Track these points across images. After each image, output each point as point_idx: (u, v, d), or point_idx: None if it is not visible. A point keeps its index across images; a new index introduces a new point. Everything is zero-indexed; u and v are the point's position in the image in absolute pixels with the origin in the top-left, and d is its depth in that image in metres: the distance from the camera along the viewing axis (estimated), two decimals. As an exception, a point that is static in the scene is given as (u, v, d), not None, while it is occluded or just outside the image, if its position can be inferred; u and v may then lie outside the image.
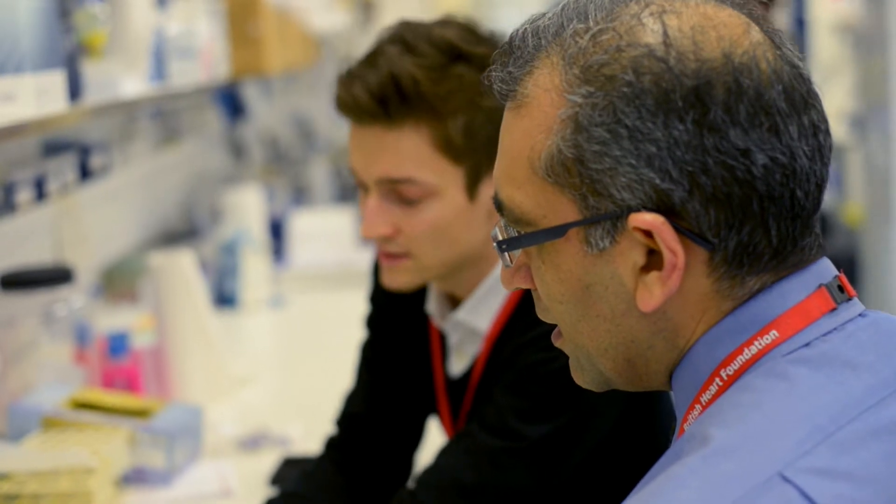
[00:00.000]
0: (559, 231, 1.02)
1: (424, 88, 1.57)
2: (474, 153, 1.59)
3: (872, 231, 5.16)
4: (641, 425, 1.69)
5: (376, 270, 1.86)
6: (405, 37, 1.60)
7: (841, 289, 1.03)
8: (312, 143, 6.42)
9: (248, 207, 3.68)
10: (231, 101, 5.14)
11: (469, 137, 1.58)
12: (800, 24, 9.33)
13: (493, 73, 1.06)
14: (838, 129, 7.28)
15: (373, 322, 1.89)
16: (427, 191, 1.60)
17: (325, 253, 3.94)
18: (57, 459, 1.92)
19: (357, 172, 1.64)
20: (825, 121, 1.03)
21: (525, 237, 1.04)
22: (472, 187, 1.61)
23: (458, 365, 1.75)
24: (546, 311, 1.08)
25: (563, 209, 1.01)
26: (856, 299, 1.04)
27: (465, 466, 1.61)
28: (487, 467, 1.60)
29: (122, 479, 2.09)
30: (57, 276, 2.35)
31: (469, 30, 1.63)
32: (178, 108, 4.42)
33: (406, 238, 1.62)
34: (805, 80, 1.02)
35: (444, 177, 1.60)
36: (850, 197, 7.50)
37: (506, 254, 1.08)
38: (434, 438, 1.90)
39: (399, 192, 1.61)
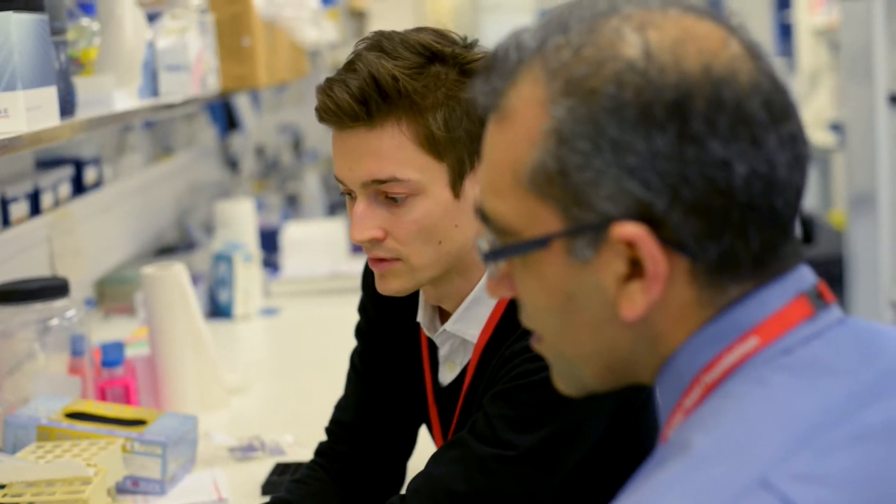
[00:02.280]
0: (542, 242, 1.03)
1: (403, 84, 1.60)
2: (456, 147, 1.62)
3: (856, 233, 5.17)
4: (631, 431, 1.71)
5: (366, 280, 1.88)
6: (382, 43, 1.64)
7: (819, 296, 1.05)
8: (303, 154, 6.44)
9: (240, 219, 3.70)
10: (224, 114, 5.17)
11: (449, 131, 1.61)
12: (784, 29, 9.35)
13: (476, 87, 1.08)
14: (822, 135, 7.32)
15: (363, 332, 1.91)
16: (412, 189, 1.62)
17: (318, 263, 3.96)
18: (52, 470, 1.94)
19: (343, 179, 1.66)
20: (803, 130, 1.04)
21: (509, 248, 1.06)
22: (456, 184, 1.63)
23: (448, 374, 1.77)
24: (529, 318, 1.10)
25: (546, 220, 1.03)
26: (834, 306, 1.06)
27: (456, 475, 1.63)
28: (478, 475, 1.62)
29: (117, 489, 2.10)
30: (52, 289, 2.37)
31: (442, 34, 1.67)
32: (170, 121, 4.45)
33: (395, 240, 1.64)
34: (783, 91, 1.03)
35: (428, 173, 1.62)
36: (834, 200, 7.52)
37: (491, 263, 1.10)
38: (426, 447, 1.92)
39: (385, 193, 1.63)
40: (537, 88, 1.03)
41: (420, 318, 1.77)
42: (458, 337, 1.73)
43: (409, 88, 1.60)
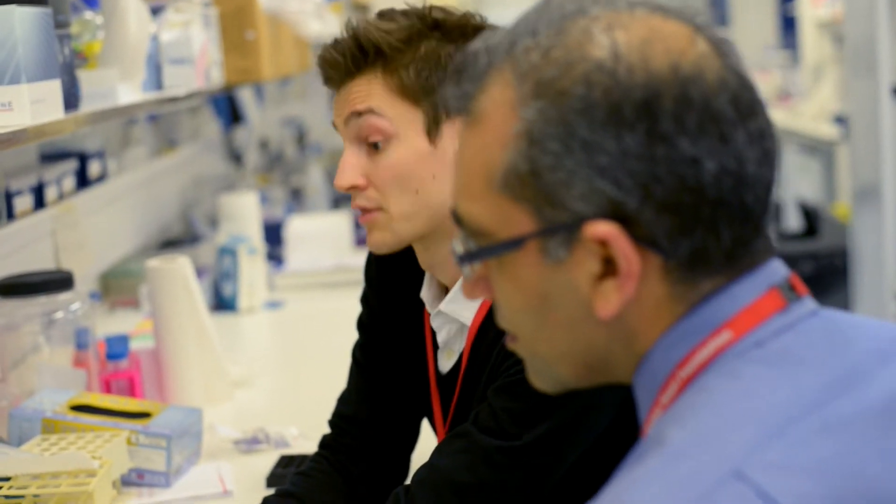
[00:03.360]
0: (517, 243, 1.05)
1: (376, 38, 1.66)
2: (430, 95, 1.66)
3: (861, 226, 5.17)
4: (636, 422, 1.71)
5: (368, 271, 1.89)
6: (382, 11, 1.72)
7: (792, 288, 1.06)
8: (307, 147, 6.44)
9: (244, 212, 3.71)
10: (227, 107, 5.17)
11: (423, 80, 1.66)
12: (787, 22, 9.33)
13: (448, 91, 1.10)
14: (826, 127, 7.31)
15: (364, 324, 1.92)
16: (387, 132, 1.67)
17: (322, 256, 3.96)
18: (58, 462, 1.94)
19: (338, 129, 1.73)
20: (771, 126, 1.06)
21: (484, 249, 1.08)
22: (431, 130, 1.67)
23: (446, 362, 1.78)
24: (505, 319, 1.12)
25: (520, 221, 1.04)
26: (807, 298, 1.07)
27: (460, 466, 1.63)
28: (483, 467, 1.62)
29: (122, 481, 2.11)
30: (56, 282, 2.37)
31: (443, 9, 1.72)
32: (174, 114, 4.45)
33: (374, 189, 1.69)
34: (750, 88, 1.05)
35: (404, 118, 1.67)
36: (838, 193, 7.51)
37: (466, 266, 1.11)
38: (429, 439, 1.92)
39: (366, 138, 1.68)
40: (507, 91, 1.04)
41: (424, 294, 1.78)
42: (456, 321, 1.73)
43: (382, 42, 1.66)
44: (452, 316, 1.73)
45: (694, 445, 0.96)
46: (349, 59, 1.67)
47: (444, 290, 1.78)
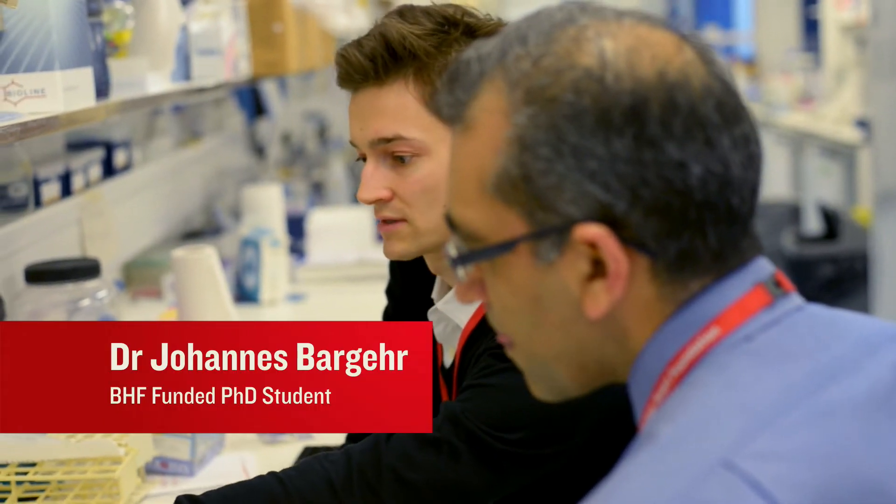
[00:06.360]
0: (509, 245, 1.08)
1: (411, 43, 1.63)
2: None
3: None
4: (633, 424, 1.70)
5: (393, 264, 1.89)
6: (403, 10, 1.69)
7: (778, 284, 1.09)
8: (329, 142, 6.45)
9: (268, 204, 3.71)
10: (251, 100, 5.18)
11: None
12: (810, 25, 9.30)
13: (441, 99, 1.13)
14: (848, 131, 7.29)
15: (390, 316, 1.93)
16: (417, 148, 1.64)
17: (343, 250, 3.97)
18: (83, 449, 1.95)
19: (354, 141, 1.69)
20: (755, 131, 1.09)
21: (477, 253, 1.10)
22: None
23: (448, 357, 1.78)
24: (499, 322, 1.14)
25: (512, 224, 1.07)
26: (794, 294, 1.10)
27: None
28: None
29: (146, 469, 2.12)
30: (83, 270, 2.38)
31: (466, 10, 1.70)
32: (199, 106, 4.46)
33: (400, 201, 1.66)
34: (735, 94, 1.08)
35: (433, 133, 1.64)
36: (859, 196, 7.49)
37: (460, 269, 1.13)
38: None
39: (392, 153, 1.65)
40: (499, 98, 1.07)
41: (434, 294, 1.78)
42: (451, 321, 1.73)
43: (417, 47, 1.63)
44: (447, 315, 1.73)
45: (682, 438, 0.98)
46: (379, 64, 1.63)
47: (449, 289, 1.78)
